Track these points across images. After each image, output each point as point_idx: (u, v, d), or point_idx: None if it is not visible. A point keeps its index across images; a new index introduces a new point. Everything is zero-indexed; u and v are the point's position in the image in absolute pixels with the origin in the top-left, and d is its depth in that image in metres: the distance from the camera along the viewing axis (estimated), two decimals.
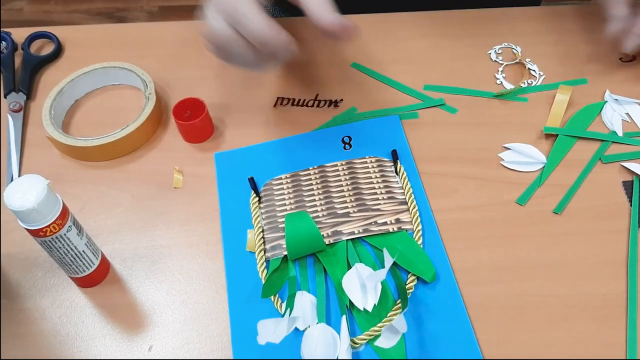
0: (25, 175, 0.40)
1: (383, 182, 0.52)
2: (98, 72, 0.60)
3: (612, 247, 0.47)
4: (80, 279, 0.46)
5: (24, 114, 0.59)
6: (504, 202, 0.50)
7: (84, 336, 0.45)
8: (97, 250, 0.46)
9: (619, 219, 0.49)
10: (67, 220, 0.42)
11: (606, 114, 0.56)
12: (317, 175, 0.53)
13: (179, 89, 0.61)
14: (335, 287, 0.46)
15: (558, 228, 0.49)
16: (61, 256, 0.43)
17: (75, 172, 0.54)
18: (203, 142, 0.56)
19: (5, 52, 0.64)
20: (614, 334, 0.43)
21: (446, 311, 0.44)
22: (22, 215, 0.39)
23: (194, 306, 0.46)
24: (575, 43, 0.63)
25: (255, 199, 0.51)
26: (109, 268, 0.48)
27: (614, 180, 0.51)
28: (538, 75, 0.60)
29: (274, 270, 0.46)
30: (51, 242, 0.41)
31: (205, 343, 0.44)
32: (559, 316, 0.44)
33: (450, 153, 0.54)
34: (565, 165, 0.53)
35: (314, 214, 0.50)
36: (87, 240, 0.44)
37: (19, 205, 0.38)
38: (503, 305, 0.45)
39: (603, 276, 0.46)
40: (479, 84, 0.59)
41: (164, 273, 0.48)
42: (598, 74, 0.59)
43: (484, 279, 0.46)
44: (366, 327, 0.44)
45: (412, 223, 0.49)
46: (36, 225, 0.40)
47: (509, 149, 0.54)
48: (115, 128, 0.54)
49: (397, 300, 0.45)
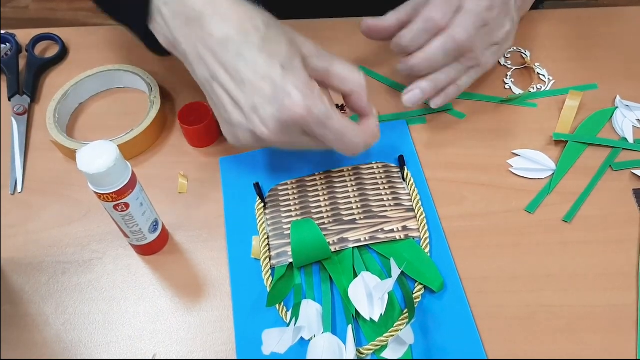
0: (95, 142, 0.40)
1: (390, 189, 0.51)
2: (103, 75, 0.60)
3: (622, 257, 0.47)
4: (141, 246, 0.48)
5: (28, 117, 0.59)
6: (512, 209, 0.50)
7: (87, 343, 0.44)
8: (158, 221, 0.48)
9: (629, 227, 0.48)
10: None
11: (617, 120, 0.55)
12: (323, 181, 0.52)
13: (185, 93, 0.60)
14: (342, 295, 0.45)
15: (568, 237, 0.48)
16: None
17: (79, 177, 0.53)
18: (208, 146, 0.56)
19: (10, 54, 0.63)
20: (625, 346, 0.42)
21: (454, 321, 0.44)
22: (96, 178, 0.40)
23: (198, 314, 0.46)
24: (585, 47, 0.62)
25: (261, 204, 0.51)
26: (167, 238, 0.50)
27: (625, 188, 0.51)
28: (547, 80, 0.59)
29: (280, 278, 0.46)
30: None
31: (209, 351, 0.44)
32: (569, 327, 0.43)
33: (458, 159, 0.53)
34: (575, 172, 0.52)
35: (320, 220, 0.49)
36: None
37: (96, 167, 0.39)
38: (512, 315, 0.44)
39: (613, 287, 0.45)
40: (487, 89, 0.59)
41: (167, 280, 0.47)
42: (608, 79, 0.59)
43: (492, 288, 0.45)
44: (372, 337, 0.43)
45: (420, 230, 0.48)
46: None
47: (517, 155, 0.53)
48: (120, 132, 0.54)
49: (404, 310, 0.44)
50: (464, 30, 0.47)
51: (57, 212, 0.52)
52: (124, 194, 0.42)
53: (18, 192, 0.54)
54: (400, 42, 0.50)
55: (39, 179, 0.55)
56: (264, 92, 0.41)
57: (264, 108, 0.41)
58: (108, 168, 0.39)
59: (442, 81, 0.51)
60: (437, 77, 0.50)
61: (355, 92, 0.45)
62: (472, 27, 0.48)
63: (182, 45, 0.43)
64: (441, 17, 0.47)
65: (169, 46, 0.46)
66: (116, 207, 0.43)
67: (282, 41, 0.42)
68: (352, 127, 0.44)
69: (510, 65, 0.61)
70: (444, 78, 0.50)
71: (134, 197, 0.43)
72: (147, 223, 0.46)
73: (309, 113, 0.41)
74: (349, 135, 0.43)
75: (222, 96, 0.43)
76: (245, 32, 0.41)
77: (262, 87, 0.41)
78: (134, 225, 0.45)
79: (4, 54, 0.63)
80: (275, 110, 0.41)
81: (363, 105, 0.46)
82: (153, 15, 0.45)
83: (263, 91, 0.41)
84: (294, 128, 0.42)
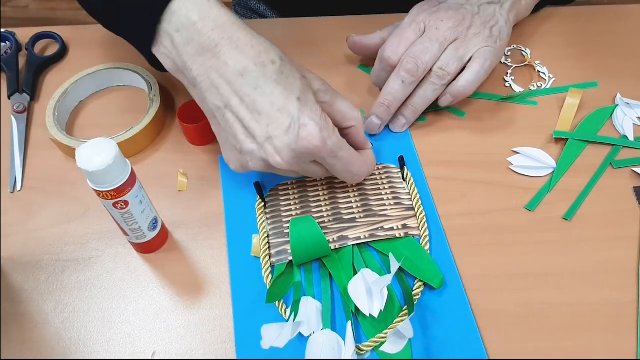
0: (95, 139, 0.40)
1: (390, 188, 0.51)
2: (102, 73, 0.60)
3: (622, 255, 0.46)
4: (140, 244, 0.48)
5: (27, 115, 0.59)
6: (512, 207, 0.50)
7: (86, 341, 0.44)
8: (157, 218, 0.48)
9: (629, 225, 0.48)
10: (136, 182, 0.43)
11: (617, 118, 0.55)
12: (324, 181, 0.52)
13: (184, 91, 0.60)
14: (341, 292, 0.45)
15: (568, 234, 0.48)
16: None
17: (78, 175, 0.54)
18: (208, 144, 0.56)
19: (9, 52, 0.63)
20: (625, 344, 0.42)
21: (454, 318, 0.44)
22: (95, 176, 0.40)
23: (198, 312, 0.45)
24: (585, 45, 0.62)
25: (261, 204, 0.50)
26: (166, 237, 0.50)
27: (625, 185, 0.51)
28: (548, 78, 0.59)
29: (279, 276, 0.46)
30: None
31: (209, 349, 0.44)
32: (568, 325, 0.43)
33: (458, 157, 0.53)
34: (575, 170, 0.52)
35: (320, 219, 0.49)
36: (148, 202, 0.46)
37: (95, 165, 0.39)
38: (511, 313, 0.44)
39: (613, 284, 0.45)
40: (487, 87, 0.59)
41: (167, 278, 0.47)
42: (609, 77, 0.59)
43: (492, 286, 0.45)
44: (372, 333, 0.43)
45: (419, 229, 0.48)
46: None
47: (517, 153, 0.53)
48: (119, 130, 0.54)
49: (403, 307, 0.44)
50: (413, 61, 0.52)
51: (57, 210, 0.52)
52: (123, 191, 0.42)
53: (17, 190, 0.54)
54: (373, 82, 0.57)
55: (38, 177, 0.54)
56: (280, 122, 0.42)
57: (279, 138, 0.42)
58: (107, 165, 0.39)
59: (421, 105, 0.54)
60: (415, 102, 0.54)
61: (354, 128, 0.48)
62: (421, 52, 0.52)
63: (193, 72, 0.44)
64: (391, 55, 0.53)
65: (175, 71, 0.46)
66: (115, 205, 0.42)
67: (297, 75, 0.43)
68: (357, 157, 0.47)
69: (511, 63, 0.61)
70: (421, 102, 0.54)
71: (134, 195, 0.43)
72: (146, 221, 0.46)
73: (323, 144, 0.42)
74: (356, 165, 0.46)
75: (234, 125, 0.44)
76: (262, 65, 0.42)
77: (278, 118, 0.42)
78: (133, 223, 0.45)
79: (4, 52, 0.63)
80: (291, 140, 0.42)
81: (361, 138, 0.49)
82: (160, 40, 0.45)
83: (279, 122, 0.42)
84: (307, 158, 0.43)
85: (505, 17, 0.55)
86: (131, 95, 0.61)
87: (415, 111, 0.54)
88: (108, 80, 0.61)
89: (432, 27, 0.53)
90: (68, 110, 0.59)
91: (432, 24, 0.53)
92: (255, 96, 0.42)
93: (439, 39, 0.52)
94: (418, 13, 0.55)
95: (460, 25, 0.53)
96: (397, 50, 0.53)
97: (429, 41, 0.52)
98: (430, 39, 0.52)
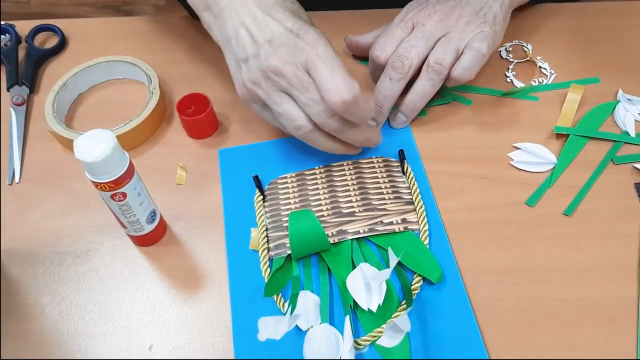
0: (93, 130, 0.41)
1: (390, 182, 0.51)
2: (102, 66, 0.60)
3: (623, 251, 0.46)
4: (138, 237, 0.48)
5: (26, 108, 0.59)
6: (513, 203, 0.49)
7: (83, 334, 0.44)
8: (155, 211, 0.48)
9: (630, 221, 0.48)
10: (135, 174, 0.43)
11: (618, 114, 0.55)
12: (323, 175, 0.52)
13: (184, 84, 0.60)
14: (340, 286, 0.45)
15: (568, 230, 0.47)
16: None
17: (77, 167, 0.53)
18: (207, 138, 0.55)
19: (9, 44, 0.63)
20: (625, 339, 0.42)
21: (453, 313, 0.43)
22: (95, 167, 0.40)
23: (196, 305, 0.45)
24: (587, 41, 0.62)
25: (260, 197, 0.50)
26: (165, 229, 0.50)
27: (626, 181, 0.50)
28: (549, 73, 0.59)
29: (277, 269, 0.46)
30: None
31: (206, 342, 0.43)
32: (568, 321, 0.43)
33: (459, 152, 0.53)
34: (576, 165, 0.51)
35: (319, 213, 0.49)
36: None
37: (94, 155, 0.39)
38: (511, 308, 0.44)
39: (614, 280, 0.45)
40: (488, 82, 0.58)
41: (165, 271, 0.47)
42: (610, 72, 0.58)
43: (491, 281, 0.45)
44: (370, 328, 0.43)
45: (419, 223, 0.48)
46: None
47: (518, 148, 0.53)
48: (119, 123, 0.54)
49: (402, 302, 0.44)
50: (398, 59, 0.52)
51: (55, 203, 0.52)
52: (122, 183, 0.42)
53: (16, 182, 0.53)
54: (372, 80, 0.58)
55: (37, 169, 0.54)
56: (280, 32, 0.45)
57: (278, 38, 0.45)
58: (105, 157, 0.39)
59: (420, 101, 0.54)
60: (414, 98, 0.53)
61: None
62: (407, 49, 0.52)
63: (221, 4, 0.48)
64: (379, 54, 0.54)
65: (203, 8, 0.50)
66: (113, 197, 0.42)
67: (308, 20, 0.48)
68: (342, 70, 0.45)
69: (512, 58, 0.61)
70: (420, 98, 0.53)
71: (132, 187, 0.43)
72: (144, 213, 0.45)
73: (317, 45, 0.44)
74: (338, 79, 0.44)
75: (244, 38, 0.46)
76: (282, 1, 0.47)
77: (282, 33, 0.45)
78: (131, 215, 0.45)
79: (4, 44, 0.63)
80: (289, 40, 0.45)
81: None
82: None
83: (280, 31, 0.46)
84: (301, 56, 0.44)
85: (500, 0, 0.55)
86: (130, 88, 0.60)
87: (414, 108, 0.54)
88: (107, 73, 0.60)
89: (420, 24, 0.54)
90: (67, 102, 0.58)
91: (419, 21, 0.54)
92: (267, 19, 0.46)
93: (425, 35, 0.53)
94: (407, 11, 0.55)
95: (447, 18, 0.53)
96: (384, 49, 0.54)
97: (415, 38, 0.53)
98: (416, 36, 0.53)
